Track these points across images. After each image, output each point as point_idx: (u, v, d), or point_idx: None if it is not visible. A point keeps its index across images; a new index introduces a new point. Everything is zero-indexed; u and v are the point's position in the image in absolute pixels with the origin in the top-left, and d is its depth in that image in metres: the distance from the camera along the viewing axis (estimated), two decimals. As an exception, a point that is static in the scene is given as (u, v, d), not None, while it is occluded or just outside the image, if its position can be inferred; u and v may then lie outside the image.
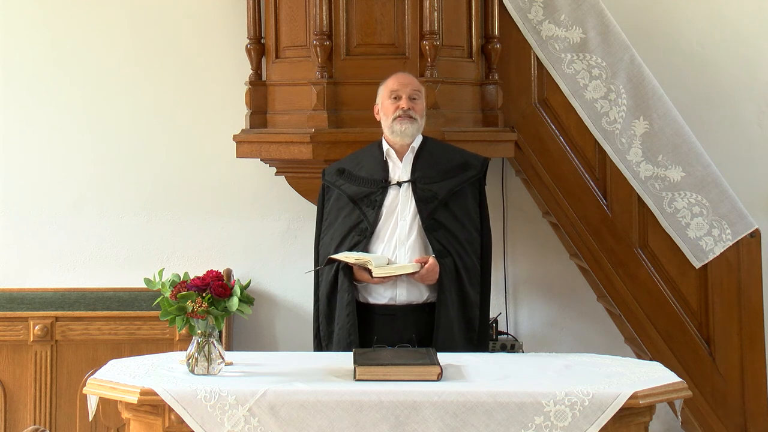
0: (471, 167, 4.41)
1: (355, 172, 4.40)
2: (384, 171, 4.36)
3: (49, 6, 5.50)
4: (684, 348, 5.06)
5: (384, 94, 4.40)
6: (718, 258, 5.06)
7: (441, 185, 4.33)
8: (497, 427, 3.52)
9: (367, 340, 4.22)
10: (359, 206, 4.33)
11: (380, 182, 4.34)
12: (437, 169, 4.36)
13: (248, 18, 5.11)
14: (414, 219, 4.30)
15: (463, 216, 4.35)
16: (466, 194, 4.39)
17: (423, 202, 4.30)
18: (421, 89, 4.42)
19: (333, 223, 4.39)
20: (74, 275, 5.53)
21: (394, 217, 4.31)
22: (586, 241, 5.08)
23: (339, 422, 3.53)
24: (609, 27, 5.06)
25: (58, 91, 5.52)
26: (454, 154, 4.44)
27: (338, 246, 4.32)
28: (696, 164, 5.04)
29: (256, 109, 5.09)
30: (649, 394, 3.59)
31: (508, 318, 5.56)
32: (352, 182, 4.38)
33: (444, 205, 4.32)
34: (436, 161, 4.38)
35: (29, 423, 5.14)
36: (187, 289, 3.74)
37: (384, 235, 4.30)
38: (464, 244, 4.32)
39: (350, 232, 4.32)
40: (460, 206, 4.36)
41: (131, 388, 3.62)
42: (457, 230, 4.32)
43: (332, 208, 4.41)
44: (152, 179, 5.54)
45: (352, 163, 4.45)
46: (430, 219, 4.29)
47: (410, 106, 4.34)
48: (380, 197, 4.33)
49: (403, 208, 4.32)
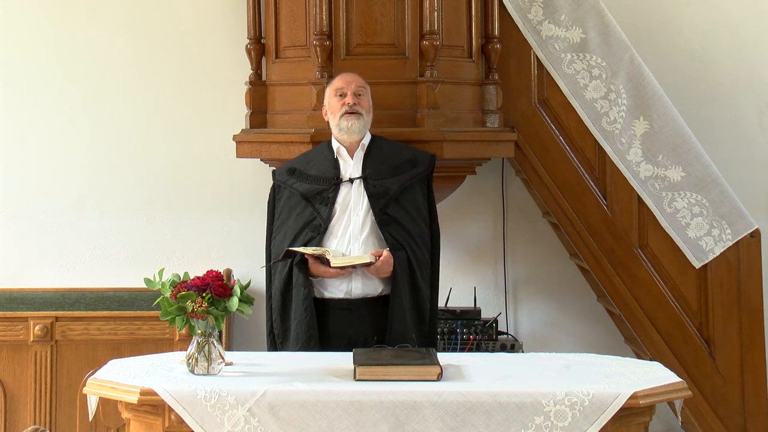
0: (419, 163, 4.51)
1: (306, 170, 4.50)
2: (335, 168, 4.46)
3: (49, 6, 5.51)
4: (684, 348, 5.06)
5: (330, 93, 4.53)
6: (718, 258, 5.06)
7: (392, 181, 4.44)
8: (497, 427, 3.52)
9: (324, 335, 4.35)
10: (312, 203, 4.44)
11: (332, 179, 4.44)
12: (387, 165, 4.46)
13: (248, 18, 5.11)
14: (367, 214, 4.40)
15: (414, 211, 4.45)
16: (416, 190, 4.48)
17: (375, 197, 4.40)
18: (366, 86, 4.52)
19: (285, 221, 4.49)
20: (74, 275, 5.53)
21: (347, 213, 4.41)
22: (586, 241, 5.08)
23: (339, 422, 3.53)
24: (609, 27, 5.05)
25: (58, 91, 5.52)
26: (402, 150, 4.55)
27: (291, 243, 4.41)
28: (696, 164, 5.04)
29: (256, 109, 5.09)
30: (649, 394, 3.59)
31: (508, 318, 5.55)
32: (303, 180, 4.48)
33: (395, 200, 4.42)
34: (385, 158, 4.48)
35: (29, 423, 5.14)
36: (187, 289, 3.74)
37: (337, 231, 4.40)
38: (416, 238, 4.43)
39: (303, 229, 4.42)
40: (410, 201, 4.46)
41: (131, 388, 3.62)
42: (408, 224, 4.42)
43: (284, 207, 4.51)
44: (152, 179, 5.54)
45: (302, 163, 4.55)
46: (382, 214, 4.39)
47: (355, 102, 4.45)
48: (333, 194, 4.42)
49: (356, 204, 4.42)
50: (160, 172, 5.54)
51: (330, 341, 4.34)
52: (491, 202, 5.51)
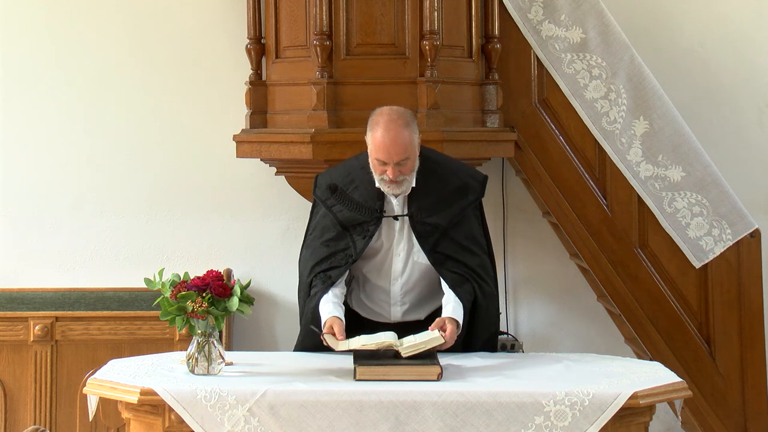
0: (470, 190, 4.15)
1: (348, 192, 4.12)
2: (379, 199, 4.08)
3: (49, 6, 5.50)
4: (684, 348, 5.06)
5: (371, 148, 4.02)
6: (718, 258, 5.06)
7: (440, 216, 4.08)
8: (497, 427, 3.52)
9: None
10: (350, 233, 4.10)
11: (375, 211, 4.08)
12: (435, 198, 4.09)
13: (248, 18, 5.11)
14: (410, 253, 4.12)
15: (469, 241, 4.13)
16: (469, 218, 4.16)
17: (423, 236, 4.06)
18: (412, 146, 3.97)
19: (317, 238, 4.18)
20: (74, 275, 5.52)
21: (388, 251, 4.12)
22: (586, 241, 5.08)
23: (339, 422, 3.53)
24: (609, 27, 5.05)
25: (57, 91, 5.51)
26: (451, 176, 4.14)
27: (315, 265, 4.12)
28: (696, 164, 5.04)
29: (256, 109, 5.09)
30: (649, 394, 3.60)
31: (508, 318, 5.55)
32: (344, 205, 4.11)
33: (446, 235, 4.08)
34: (432, 189, 4.09)
35: (29, 423, 5.14)
36: (187, 289, 3.74)
37: (373, 267, 4.13)
38: (477, 270, 4.11)
39: (334, 255, 4.12)
40: (463, 232, 4.12)
41: (131, 388, 3.62)
42: (466, 258, 4.10)
43: (318, 224, 4.21)
44: (152, 179, 5.54)
45: (344, 179, 4.16)
46: (434, 253, 4.06)
47: (398, 172, 3.96)
48: (373, 227, 4.07)
49: (398, 242, 4.12)
50: (160, 172, 5.54)
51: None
52: (491, 201, 5.50)
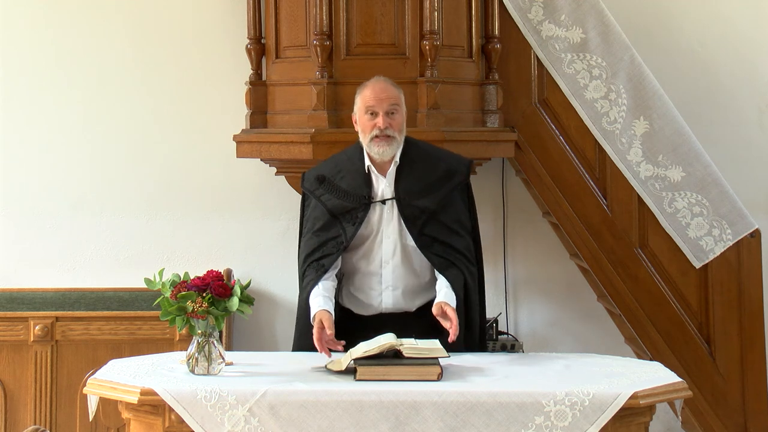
0: (455, 173, 4.25)
1: (336, 181, 4.21)
2: (367, 186, 4.17)
3: (49, 6, 5.50)
4: (684, 348, 5.06)
5: (360, 105, 4.19)
6: (719, 258, 5.06)
7: (428, 199, 4.16)
8: (497, 427, 3.52)
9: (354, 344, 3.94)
10: (340, 221, 4.17)
11: (363, 198, 4.16)
12: (422, 182, 4.18)
13: (248, 18, 5.11)
14: (398, 237, 4.17)
15: (455, 224, 4.21)
16: (455, 201, 4.24)
17: (411, 219, 4.14)
18: (400, 100, 4.18)
19: (309, 231, 4.25)
20: (74, 275, 5.53)
21: (377, 236, 4.18)
22: (586, 241, 5.08)
23: (339, 422, 3.53)
24: (609, 27, 5.05)
25: (57, 91, 5.52)
26: (437, 162, 4.24)
27: (308, 256, 4.19)
28: (696, 164, 5.04)
29: (256, 109, 5.09)
30: (649, 394, 3.59)
31: (508, 318, 5.55)
32: (332, 194, 4.20)
33: (434, 218, 4.17)
34: (419, 174, 4.19)
35: (29, 423, 5.14)
36: (187, 289, 3.74)
37: (363, 252, 4.18)
38: (463, 252, 4.20)
39: (326, 244, 4.18)
40: (450, 215, 4.21)
41: (131, 388, 3.62)
42: (453, 240, 4.18)
43: (310, 217, 4.26)
44: (152, 179, 5.54)
45: (331, 170, 4.26)
46: (421, 235, 4.14)
47: (387, 124, 4.11)
48: (362, 214, 4.15)
49: (387, 226, 4.17)
50: (160, 172, 5.54)
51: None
52: (491, 201, 5.51)
